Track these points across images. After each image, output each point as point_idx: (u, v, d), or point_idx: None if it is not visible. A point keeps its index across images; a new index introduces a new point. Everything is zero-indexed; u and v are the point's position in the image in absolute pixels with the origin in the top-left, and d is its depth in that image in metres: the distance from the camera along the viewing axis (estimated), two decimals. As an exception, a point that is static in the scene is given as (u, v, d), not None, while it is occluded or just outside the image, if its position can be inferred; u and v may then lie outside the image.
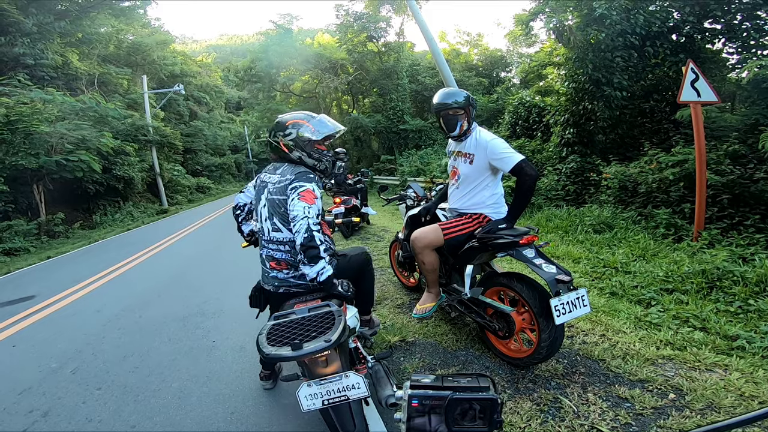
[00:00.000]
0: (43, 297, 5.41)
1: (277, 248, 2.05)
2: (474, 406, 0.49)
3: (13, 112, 11.54)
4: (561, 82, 8.55)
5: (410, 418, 0.49)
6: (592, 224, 5.90)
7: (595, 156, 7.73)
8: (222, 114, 43.24)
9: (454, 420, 0.48)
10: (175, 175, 23.49)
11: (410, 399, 0.49)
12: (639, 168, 6.28)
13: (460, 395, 0.48)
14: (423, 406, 0.49)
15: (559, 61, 8.78)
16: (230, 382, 2.69)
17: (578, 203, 7.29)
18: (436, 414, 0.49)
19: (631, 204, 6.23)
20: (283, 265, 2.06)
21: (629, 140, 7.54)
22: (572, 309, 2.01)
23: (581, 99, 7.77)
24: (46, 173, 12.56)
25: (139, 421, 2.32)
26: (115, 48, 23.09)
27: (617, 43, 6.94)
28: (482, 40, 22.52)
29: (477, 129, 2.62)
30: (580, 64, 7.41)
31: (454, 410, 0.48)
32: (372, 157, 21.08)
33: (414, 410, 0.49)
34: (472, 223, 2.60)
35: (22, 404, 2.65)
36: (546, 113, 10.02)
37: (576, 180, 7.70)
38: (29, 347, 3.72)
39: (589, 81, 7.37)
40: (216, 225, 12.39)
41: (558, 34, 7.90)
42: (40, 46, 16.09)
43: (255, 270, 4.85)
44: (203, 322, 3.85)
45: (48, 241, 11.96)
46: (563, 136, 8.33)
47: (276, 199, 2.01)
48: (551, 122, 9.28)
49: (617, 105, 7.20)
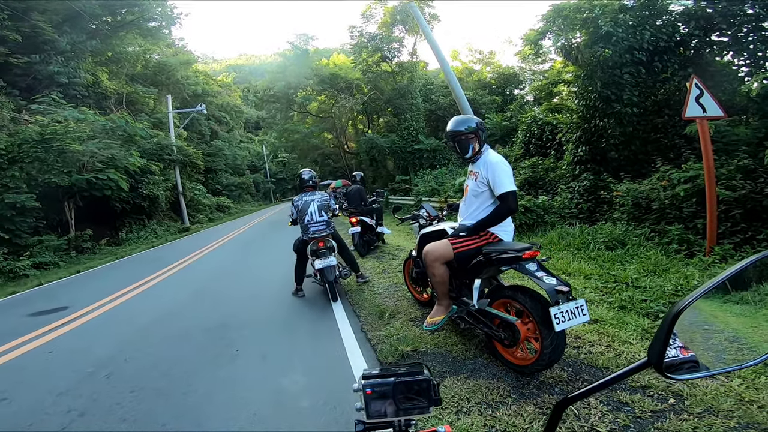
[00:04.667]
0: (76, 308, 5.68)
1: (319, 221, 4.91)
2: (413, 387, 0.65)
3: (47, 130, 12.18)
4: (572, 100, 8.64)
5: (367, 404, 0.66)
6: (605, 241, 5.92)
7: (607, 174, 7.74)
8: (241, 134, 44.52)
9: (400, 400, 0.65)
10: (196, 194, 24.14)
11: (364, 388, 0.66)
12: (651, 185, 6.31)
13: (402, 379, 0.65)
14: (375, 392, 0.66)
15: (570, 79, 8.90)
16: (252, 386, 2.86)
17: (591, 221, 7.28)
18: (386, 398, 0.66)
19: (644, 221, 6.22)
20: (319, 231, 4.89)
21: (643, 156, 7.50)
22: (571, 317, 2.17)
23: (592, 116, 7.83)
24: (77, 191, 13.14)
25: (169, 421, 2.48)
26: (142, 68, 24.17)
27: (625, 59, 7.01)
28: (494, 58, 22.74)
29: (488, 150, 2.92)
30: (589, 82, 7.51)
31: (399, 392, 0.65)
32: (387, 177, 21.32)
33: (369, 397, 0.66)
34: (480, 239, 2.79)
35: (60, 405, 2.81)
36: (559, 131, 10.05)
37: (589, 198, 7.70)
38: (65, 353, 3.96)
39: (599, 98, 7.45)
40: (237, 243, 12.72)
41: (566, 53, 8.06)
42: (74, 64, 17.01)
43: (274, 288, 5.58)
44: (227, 333, 4.05)
45: (76, 257, 12.48)
46: (576, 154, 8.34)
47: (324, 203, 4.99)
48: (563, 140, 9.34)
49: (629, 121, 7.24)
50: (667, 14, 7.28)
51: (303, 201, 4.96)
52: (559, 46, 8.23)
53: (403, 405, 0.64)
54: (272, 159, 47.25)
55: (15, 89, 15.06)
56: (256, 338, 3.86)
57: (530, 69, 18.92)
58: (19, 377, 3.46)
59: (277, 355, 3.41)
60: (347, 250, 5.32)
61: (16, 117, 13.54)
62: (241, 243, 12.65)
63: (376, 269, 6.22)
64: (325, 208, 4.96)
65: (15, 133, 12.34)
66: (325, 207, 4.96)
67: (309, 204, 4.92)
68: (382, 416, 0.65)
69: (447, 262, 2.85)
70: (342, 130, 27.58)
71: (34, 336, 4.54)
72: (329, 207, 5.02)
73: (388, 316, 3.97)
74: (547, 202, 7.87)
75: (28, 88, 15.49)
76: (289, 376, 2.92)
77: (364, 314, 4.20)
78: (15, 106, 14.14)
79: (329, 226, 4.98)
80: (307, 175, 5.22)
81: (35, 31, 15.23)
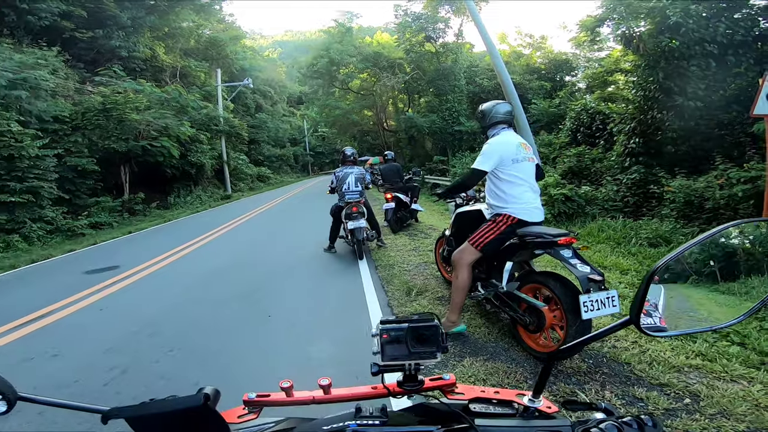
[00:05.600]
0: (126, 267, 6.14)
1: (354, 190, 5.78)
2: (424, 333, 0.71)
3: (108, 100, 13.09)
4: (629, 90, 8.21)
5: (383, 348, 0.72)
6: (648, 237, 5.70)
7: (660, 168, 7.37)
8: (284, 108, 45.34)
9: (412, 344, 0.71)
10: (239, 164, 25.07)
11: (381, 332, 0.72)
12: (707, 183, 5.95)
13: (414, 325, 0.71)
14: (390, 337, 0.72)
15: (628, 68, 8.43)
16: (281, 351, 3.05)
17: (636, 215, 7.02)
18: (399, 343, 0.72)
19: (695, 219, 5.91)
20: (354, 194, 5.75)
21: (702, 153, 7.05)
22: (600, 307, 2.15)
23: (650, 108, 7.42)
24: (132, 156, 14.06)
25: (202, 380, 2.54)
26: (194, 42, 25.11)
27: (693, 51, 6.56)
28: (546, 43, 21.59)
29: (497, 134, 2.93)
30: (651, 72, 7.11)
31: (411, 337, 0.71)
32: (425, 156, 21.15)
33: (384, 341, 0.72)
34: (496, 226, 2.77)
35: (105, 361, 2.98)
36: (611, 121, 9.61)
37: (637, 191, 7.40)
38: (114, 311, 4.27)
39: (659, 89, 7.05)
40: (276, 212, 13.21)
41: (626, 41, 7.60)
42: (133, 39, 17.92)
43: (311, 258, 5.96)
44: (262, 299, 4.29)
45: (129, 218, 13.46)
46: (627, 146, 7.99)
47: (360, 176, 5.89)
48: (615, 130, 8.92)
49: (691, 115, 6.82)
50: (747, 8, 6.67)
51: (343, 173, 5.93)
52: (618, 34, 7.77)
53: (414, 349, 0.69)
54: (312, 133, 47.92)
55: (80, 62, 16.07)
56: (287, 306, 4.06)
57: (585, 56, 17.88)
58: (72, 333, 3.69)
59: (302, 325, 3.58)
60: (374, 217, 6.17)
61: (80, 88, 14.57)
62: (280, 211, 13.18)
63: (408, 246, 6.31)
64: (360, 180, 5.90)
65: (79, 102, 13.32)
66: (360, 179, 5.91)
67: (348, 175, 5.88)
68: (395, 359, 0.70)
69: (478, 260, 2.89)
70: (382, 108, 27.48)
71: (88, 293, 4.88)
72: (364, 180, 5.98)
73: (415, 293, 4.05)
74: (591, 192, 7.65)
75: (92, 62, 16.51)
76: (317, 338, 3.11)
77: (391, 289, 4.29)
78: (80, 78, 15.16)
79: (362, 195, 5.88)
80: (349, 152, 6.26)
81: (99, 7, 16.11)
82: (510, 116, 3.00)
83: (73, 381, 2.72)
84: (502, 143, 2.82)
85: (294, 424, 0.73)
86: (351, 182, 5.84)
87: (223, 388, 0.68)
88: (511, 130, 2.99)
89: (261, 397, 0.80)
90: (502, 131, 2.93)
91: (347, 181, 5.85)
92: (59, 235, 10.44)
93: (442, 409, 0.72)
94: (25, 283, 6.06)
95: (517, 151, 2.79)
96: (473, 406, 0.74)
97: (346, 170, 5.96)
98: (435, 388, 0.79)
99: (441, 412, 0.72)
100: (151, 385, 2.60)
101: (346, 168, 6.00)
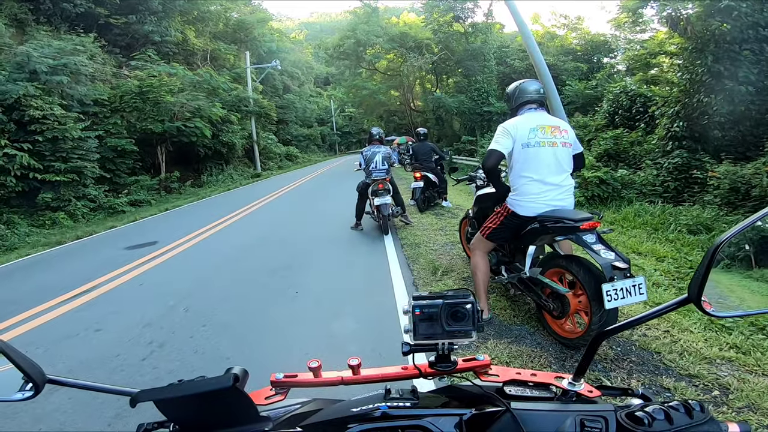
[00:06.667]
0: (163, 243, 6.44)
1: (381, 169, 6.05)
2: (459, 310, 0.67)
3: (144, 83, 13.59)
4: (674, 72, 7.82)
5: (415, 325, 0.69)
6: (688, 224, 5.49)
7: (705, 152, 7.01)
8: (311, 88, 45.40)
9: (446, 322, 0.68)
10: (268, 143, 25.49)
11: (413, 309, 0.69)
12: (755, 169, 5.65)
13: (449, 301, 0.67)
14: (423, 313, 0.69)
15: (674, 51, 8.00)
16: (307, 326, 3.15)
17: (676, 201, 6.80)
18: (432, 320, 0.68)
19: (739, 207, 5.65)
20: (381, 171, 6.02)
21: (751, 138, 6.75)
22: (626, 296, 2.07)
23: (696, 91, 7.13)
24: (168, 137, 14.59)
25: (233, 355, 2.73)
26: (223, 26, 25.39)
27: (746, 35, 6.29)
28: (582, 24, 20.64)
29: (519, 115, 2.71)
30: (698, 55, 6.83)
31: (446, 313, 0.67)
32: (452, 136, 20.86)
33: (417, 317, 0.69)
34: (497, 216, 2.80)
35: (144, 336, 3.12)
36: (653, 104, 9.19)
37: (678, 176, 7.13)
38: (152, 286, 4.49)
39: (707, 73, 6.76)
40: (304, 190, 13.49)
41: (672, 23, 7.25)
42: (165, 24, 18.31)
43: (338, 235, 6.12)
44: (290, 275, 4.43)
45: (165, 196, 14.05)
46: (670, 129, 7.67)
47: (387, 155, 6.15)
48: (657, 113, 8.53)
49: (741, 100, 6.52)
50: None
51: (371, 152, 6.24)
52: (664, 16, 7.44)
53: (450, 327, 0.66)
54: (339, 113, 47.96)
55: (115, 47, 16.58)
56: (314, 282, 4.16)
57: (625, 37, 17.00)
58: (114, 308, 3.87)
59: (328, 302, 3.68)
60: (399, 194, 6.43)
61: (117, 72, 15.13)
62: (308, 189, 13.44)
63: (434, 226, 6.34)
64: (387, 159, 6.18)
65: (117, 86, 13.88)
66: (387, 158, 6.19)
67: (375, 154, 6.17)
68: (429, 338, 0.67)
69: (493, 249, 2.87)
70: (409, 89, 27.19)
71: (129, 268, 5.14)
72: (390, 159, 6.27)
73: (441, 273, 4.07)
74: (628, 176, 7.44)
75: (127, 47, 17.01)
76: (342, 309, 3.20)
77: (417, 268, 4.32)
78: (116, 63, 15.70)
79: (388, 173, 6.15)
80: (376, 132, 6.68)
81: None
82: (538, 95, 2.71)
83: (114, 356, 2.84)
84: (515, 125, 2.60)
85: (321, 406, 0.72)
86: (378, 161, 6.11)
87: (250, 366, 0.68)
88: (542, 110, 2.71)
89: (288, 378, 0.77)
90: (526, 112, 2.68)
91: (375, 159, 6.14)
92: (101, 212, 11.06)
93: (474, 391, 0.69)
94: (72, 259, 6.48)
95: (529, 135, 2.54)
96: (508, 388, 0.70)
97: (373, 149, 6.25)
98: (468, 369, 0.75)
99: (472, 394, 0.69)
100: (185, 360, 2.72)
101: (373, 147, 6.30)
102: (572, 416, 0.58)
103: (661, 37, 12.51)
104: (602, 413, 0.58)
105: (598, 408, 0.60)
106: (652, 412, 0.53)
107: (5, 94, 9.48)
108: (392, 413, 0.62)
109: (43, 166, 9.95)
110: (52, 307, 3.96)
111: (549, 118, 2.69)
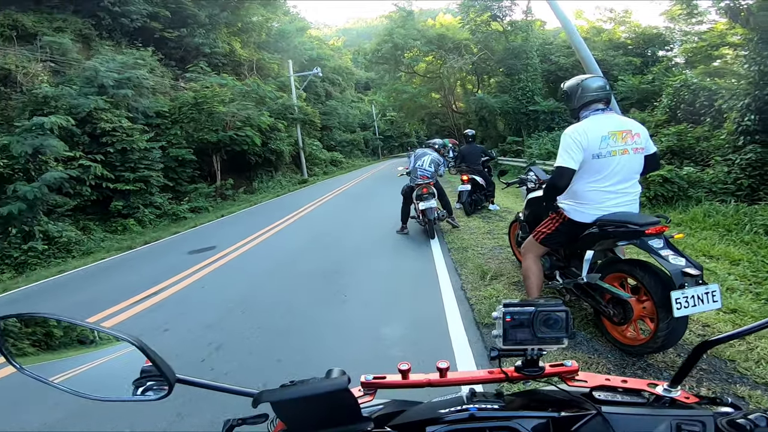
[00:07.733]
0: (221, 248, 6.81)
1: (427, 172, 6.05)
2: (551, 317, 0.67)
3: (199, 95, 14.47)
4: (740, 64, 7.20)
5: (505, 331, 0.70)
6: (765, 225, 5.00)
7: (781, 147, 6.38)
8: (352, 94, 46.22)
9: (539, 329, 0.68)
10: (314, 150, 26.25)
11: (504, 315, 0.70)
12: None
13: (542, 308, 0.67)
14: (514, 320, 0.70)
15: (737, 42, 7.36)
16: (355, 331, 3.21)
17: (752, 200, 6.23)
18: (523, 327, 0.69)
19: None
20: (425, 177, 6.01)
21: None
22: (697, 303, 1.93)
23: (767, 83, 6.49)
24: (222, 146, 15.40)
25: (283, 357, 2.83)
26: (265, 36, 26.45)
27: None
28: (630, 17, 19.51)
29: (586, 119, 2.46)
30: (765, 46, 6.24)
31: (538, 321, 0.68)
32: (497, 137, 20.35)
33: (507, 324, 0.70)
34: (551, 222, 2.68)
35: (205, 337, 3.26)
36: (719, 97, 8.48)
37: (753, 173, 6.52)
38: (214, 289, 4.76)
39: None
40: (350, 194, 13.72)
41: (732, 14, 6.73)
42: (213, 36, 19.39)
43: (384, 239, 6.21)
44: (339, 279, 4.54)
45: (221, 203, 14.86)
46: (741, 123, 7.03)
47: (435, 161, 6.16)
48: (725, 107, 7.86)
49: None
50: None
51: (421, 151, 6.43)
52: (722, 6, 6.98)
53: (541, 334, 0.67)
54: (381, 117, 48.28)
55: (171, 60, 17.78)
56: (362, 286, 4.26)
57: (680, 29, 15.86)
58: (180, 309, 4.11)
59: (376, 305, 3.74)
60: (445, 196, 6.46)
61: (174, 84, 16.20)
62: (353, 194, 13.66)
63: (482, 229, 6.23)
64: (435, 164, 6.18)
65: (175, 98, 14.87)
66: (435, 163, 6.19)
67: (424, 154, 6.29)
68: (519, 343, 0.68)
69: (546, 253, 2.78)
70: (450, 90, 26.87)
71: (192, 271, 5.46)
72: (438, 165, 6.23)
73: (490, 277, 3.99)
74: (695, 174, 6.92)
75: (180, 59, 18.17)
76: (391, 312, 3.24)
77: (465, 272, 4.26)
78: (173, 75, 16.82)
79: (432, 177, 6.12)
80: (430, 140, 7.11)
81: (179, 7, 17.60)
82: (604, 92, 2.44)
83: (175, 356, 2.92)
84: (584, 132, 2.32)
85: (402, 407, 0.73)
86: (425, 161, 6.16)
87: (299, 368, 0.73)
88: (610, 111, 2.47)
89: (377, 379, 0.78)
90: (593, 114, 2.42)
91: (422, 158, 6.21)
92: (166, 218, 11.91)
93: (559, 395, 0.70)
94: (142, 262, 7.04)
95: (601, 145, 2.31)
96: (597, 393, 0.69)
97: (425, 150, 6.40)
98: (555, 375, 0.75)
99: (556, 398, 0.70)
100: (242, 361, 2.85)
101: (425, 149, 6.47)
102: (667, 420, 0.57)
103: (721, 28, 11.60)
104: (700, 418, 0.56)
105: (696, 413, 0.58)
106: (755, 419, 0.51)
107: (78, 107, 10.23)
108: (480, 414, 0.64)
109: (114, 176, 10.85)
110: (127, 307, 4.32)
111: (619, 120, 2.45)
